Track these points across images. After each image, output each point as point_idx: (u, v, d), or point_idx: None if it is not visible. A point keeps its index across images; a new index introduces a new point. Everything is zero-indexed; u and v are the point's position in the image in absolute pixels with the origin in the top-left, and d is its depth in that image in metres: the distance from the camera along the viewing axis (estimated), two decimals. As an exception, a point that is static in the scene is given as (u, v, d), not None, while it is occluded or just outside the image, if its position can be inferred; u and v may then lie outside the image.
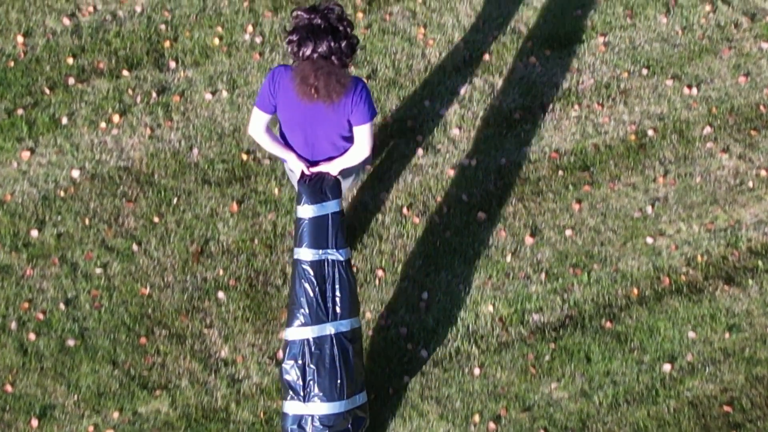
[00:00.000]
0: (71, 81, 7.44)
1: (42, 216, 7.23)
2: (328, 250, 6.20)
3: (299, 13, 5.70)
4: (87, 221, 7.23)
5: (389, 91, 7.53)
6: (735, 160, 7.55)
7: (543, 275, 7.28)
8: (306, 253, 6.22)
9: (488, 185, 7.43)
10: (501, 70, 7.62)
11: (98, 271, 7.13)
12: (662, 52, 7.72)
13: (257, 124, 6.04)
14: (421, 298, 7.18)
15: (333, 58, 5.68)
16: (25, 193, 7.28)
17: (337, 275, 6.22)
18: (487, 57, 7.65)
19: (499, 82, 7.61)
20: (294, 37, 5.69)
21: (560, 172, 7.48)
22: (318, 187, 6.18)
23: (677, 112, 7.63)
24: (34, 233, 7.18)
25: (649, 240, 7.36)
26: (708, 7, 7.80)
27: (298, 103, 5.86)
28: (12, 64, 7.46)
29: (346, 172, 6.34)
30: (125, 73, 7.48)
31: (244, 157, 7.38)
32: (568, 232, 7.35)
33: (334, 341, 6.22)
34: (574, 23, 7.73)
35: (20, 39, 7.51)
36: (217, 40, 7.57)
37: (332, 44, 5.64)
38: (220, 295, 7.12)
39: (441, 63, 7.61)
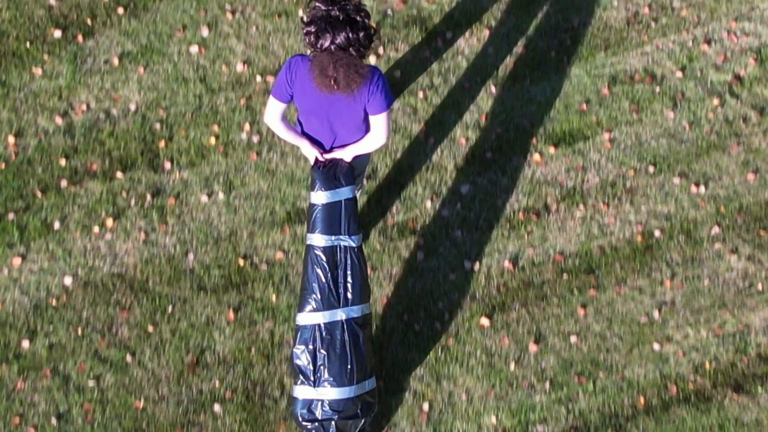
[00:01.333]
0: (64, 183, 7.13)
1: (33, 326, 6.92)
2: (341, 236, 6.15)
3: (317, 4, 5.61)
4: (80, 331, 6.92)
5: (389, 191, 7.21)
6: (744, 261, 7.23)
7: (547, 384, 6.96)
8: (319, 239, 6.16)
9: (491, 290, 7.12)
10: (504, 169, 7.30)
11: (91, 383, 6.82)
12: (669, 148, 7.39)
13: (273, 113, 5.95)
14: (422, 410, 6.87)
15: (351, 49, 5.62)
16: (16, 301, 6.97)
17: (349, 261, 6.17)
18: (489, 155, 7.32)
19: (502, 181, 7.29)
20: (312, 29, 5.62)
21: (565, 276, 7.16)
22: (331, 174, 6.11)
23: (684, 211, 7.31)
24: (25, 344, 6.87)
25: (656, 346, 7.04)
26: (716, 101, 7.46)
27: (315, 92, 5.80)
28: (3, 166, 7.14)
29: (359, 162, 6.29)
30: (119, 174, 7.16)
31: (241, 262, 7.07)
32: (573, 339, 7.04)
33: (345, 327, 6.18)
34: (578, 119, 7.41)
35: (11, 139, 7.19)
36: (213, 140, 7.25)
37: (350, 35, 5.57)
38: (216, 408, 6.81)
39: (442, 161, 7.29)
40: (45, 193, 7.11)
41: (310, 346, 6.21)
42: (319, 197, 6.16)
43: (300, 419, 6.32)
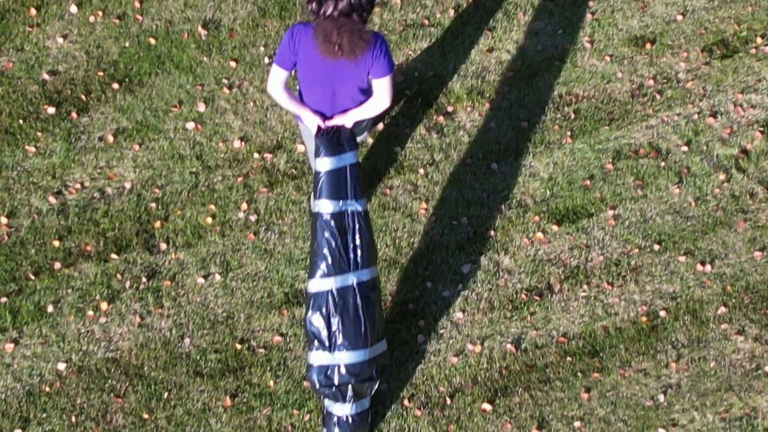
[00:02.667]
0: (57, 265, 6.85)
1: (26, 413, 6.64)
2: (348, 201, 6.07)
3: None
4: (73, 419, 6.64)
5: (389, 271, 6.94)
6: (750, 342, 6.96)
7: (550, 471, 6.71)
8: (326, 205, 6.08)
9: (493, 373, 6.85)
10: (506, 248, 7.03)
11: (85, 473, 6.57)
12: (674, 225, 7.12)
13: (275, 82, 5.88)
14: (423, 499, 6.63)
15: (354, 14, 5.57)
16: (9, 388, 6.70)
17: (356, 226, 6.11)
18: (492, 233, 7.05)
19: (504, 261, 7.02)
20: None
21: (569, 358, 6.89)
22: (335, 140, 6.02)
23: (690, 290, 7.03)
24: (18, 433, 6.63)
25: (662, 431, 6.77)
26: (722, 176, 7.19)
27: (319, 60, 5.74)
28: (-4, 247, 6.90)
29: (359, 127, 6.25)
30: (114, 256, 6.89)
31: (238, 346, 6.79)
32: (577, 424, 6.76)
33: (357, 291, 6.13)
34: (582, 195, 7.13)
35: (4, 220, 6.91)
36: (209, 219, 6.98)
37: (352, 1, 5.53)
38: (213, 498, 6.57)
39: (444, 240, 7.02)
40: (38, 276, 6.84)
41: (324, 312, 6.15)
42: (324, 164, 6.05)
43: (317, 385, 6.25)
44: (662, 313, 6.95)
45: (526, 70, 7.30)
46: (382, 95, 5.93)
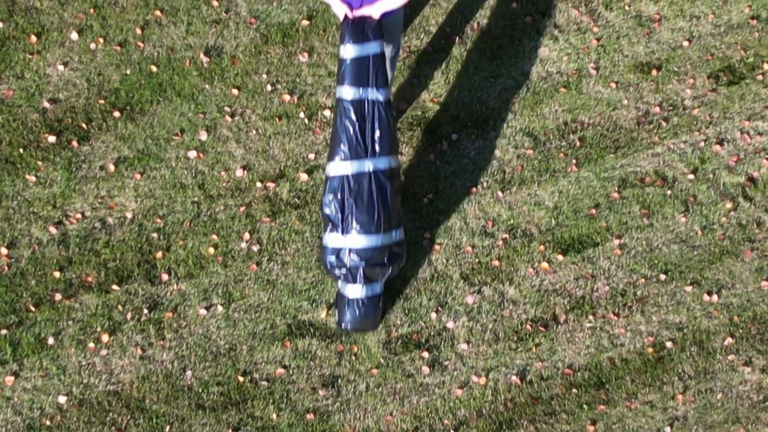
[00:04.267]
0: (58, 297, 6.61)
1: (26, 448, 6.43)
2: (369, 89, 6.05)
3: None
4: (74, 453, 6.43)
5: (393, 302, 6.71)
6: (758, 373, 6.72)
7: (556, 505, 6.47)
8: (348, 92, 6.06)
9: (498, 405, 6.61)
10: (511, 278, 6.79)
11: None
12: (681, 254, 6.88)
13: None
14: None
15: None
16: (9, 422, 6.45)
17: (376, 115, 6.08)
18: (496, 263, 6.81)
19: (509, 291, 6.78)
20: None
21: (574, 390, 6.65)
22: (360, 29, 6.00)
23: (697, 321, 6.79)
24: (18, 467, 6.39)
25: (669, 465, 6.55)
26: (729, 205, 6.95)
27: None
28: (-5, 278, 6.65)
29: (389, 22, 6.13)
30: (115, 287, 6.64)
31: (241, 378, 6.55)
32: (583, 457, 6.55)
33: (372, 178, 6.11)
34: (588, 224, 6.89)
35: (4, 251, 6.67)
36: (211, 249, 6.73)
37: None
38: None
39: (448, 270, 6.78)
40: (38, 308, 6.60)
41: (339, 195, 6.13)
42: (348, 51, 6.02)
43: (329, 266, 6.24)
44: (669, 344, 6.71)
45: (530, 97, 7.06)
46: None
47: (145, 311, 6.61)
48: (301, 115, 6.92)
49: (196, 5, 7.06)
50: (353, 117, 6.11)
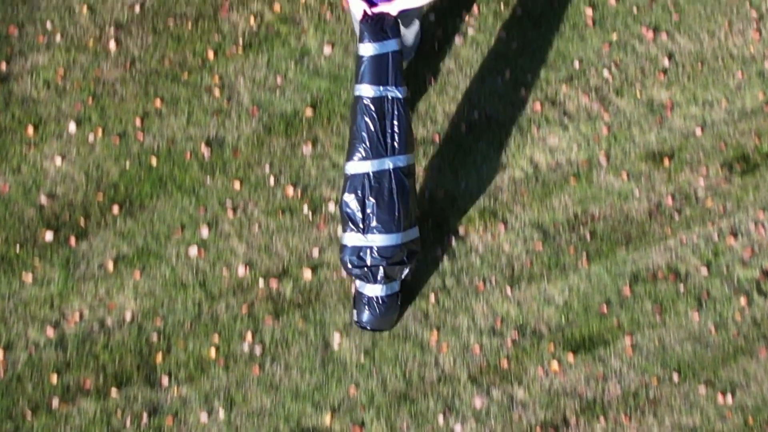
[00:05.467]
0: (55, 402, 6.28)
1: None
2: (388, 87, 5.88)
3: None
4: None
5: (399, 406, 6.39)
6: (774, 478, 6.42)
7: None
8: (367, 89, 5.89)
9: None
10: (520, 379, 6.47)
11: None
12: (694, 353, 6.55)
13: None
14: None
15: None
16: None
17: (396, 112, 5.91)
18: (505, 364, 6.49)
19: (518, 393, 6.46)
20: None
21: (585, 497, 6.34)
22: (378, 27, 5.86)
23: (711, 423, 6.47)
24: None
25: None
26: (743, 300, 6.62)
27: None
28: (-9, 383, 6.31)
29: (405, 21, 6.03)
30: (114, 391, 6.31)
31: (243, 487, 6.25)
32: None
33: (392, 176, 5.91)
34: (598, 322, 6.57)
35: (0, 354, 6.37)
36: (213, 351, 6.41)
37: None
38: None
39: (456, 372, 6.46)
40: (35, 414, 6.28)
41: (359, 194, 5.92)
42: (367, 49, 5.87)
43: (349, 265, 6.01)
44: (682, 448, 6.41)
45: (540, 189, 6.74)
46: None
47: (145, 417, 6.29)
48: (305, 209, 6.60)
49: (197, 94, 6.74)
50: (373, 114, 5.92)
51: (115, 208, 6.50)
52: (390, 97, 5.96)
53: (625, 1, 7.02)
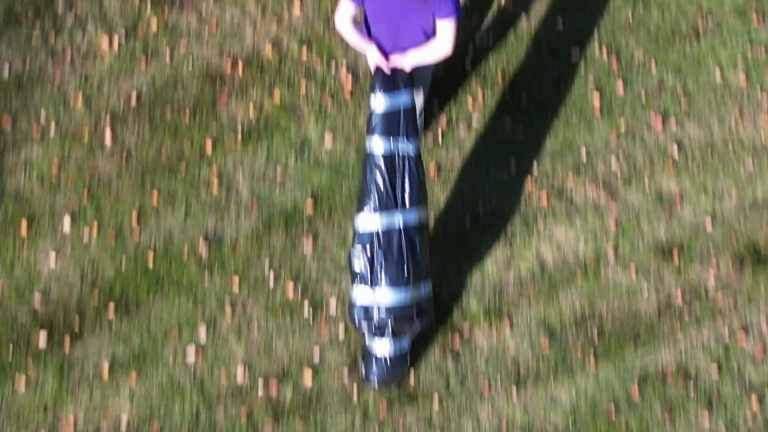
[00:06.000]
0: None
1: None
2: (400, 139, 5.71)
3: None
4: None
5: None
6: None
7: None
8: (378, 144, 5.72)
9: None
10: (526, 485, 6.25)
11: None
12: (705, 457, 6.33)
13: (344, 15, 5.59)
14: None
15: None
16: None
17: (407, 169, 5.76)
18: (510, 469, 6.27)
19: (524, 500, 6.24)
20: None
21: None
22: (391, 78, 5.71)
23: None
24: None
25: None
26: (754, 401, 6.38)
27: None
28: (-16, 493, 6.10)
29: (419, 75, 5.83)
30: (109, 501, 6.11)
31: None
32: None
33: (403, 234, 5.77)
34: (606, 425, 6.25)
35: (-7, 463, 6.15)
36: (211, 459, 6.19)
37: None
38: None
39: (460, 478, 6.24)
40: None
41: (368, 248, 5.77)
42: (379, 100, 5.70)
43: (357, 321, 5.85)
44: None
45: (546, 285, 6.51)
46: (444, 38, 5.57)
47: None
48: (306, 307, 6.38)
49: (194, 188, 6.51)
50: (384, 171, 5.78)
51: (111, 309, 6.28)
52: (401, 155, 5.81)
53: (633, 88, 6.81)
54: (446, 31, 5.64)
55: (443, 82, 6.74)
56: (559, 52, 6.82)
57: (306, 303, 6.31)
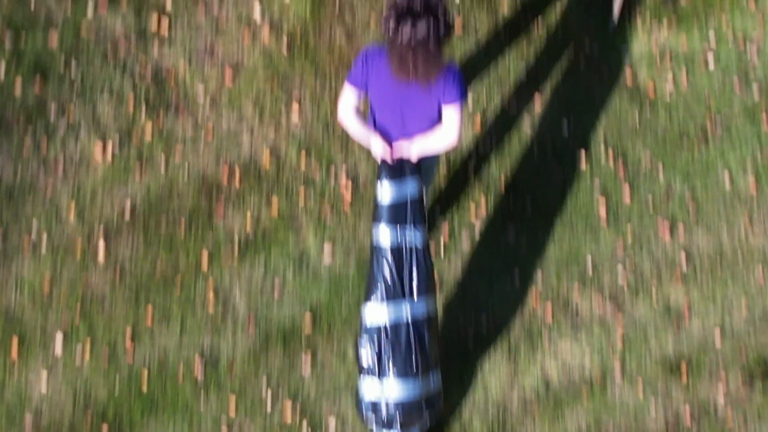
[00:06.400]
0: None
1: None
2: (407, 228, 5.55)
3: (397, 2, 5.08)
4: None
5: None
6: None
7: None
8: (385, 234, 5.55)
9: None
10: None
11: None
12: None
13: (348, 104, 5.39)
14: None
15: (430, 40, 5.09)
16: None
17: (414, 261, 5.61)
18: None
19: None
20: (392, 20, 5.09)
21: None
22: (398, 165, 5.55)
23: None
24: None
25: None
26: None
27: (391, 83, 5.28)
28: None
29: (424, 171, 5.66)
30: None
31: None
32: None
33: (411, 326, 5.61)
34: None
35: None
36: None
37: (430, 27, 5.06)
38: None
39: None
40: None
41: (375, 342, 5.63)
42: (385, 188, 5.55)
43: (365, 417, 5.72)
44: None
45: (551, 402, 6.29)
46: (450, 125, 5.38)
47: None
48: (305, 429, 6.18)
49: (190, 304, 6.29)
50: (391, 262, 5.61)
51: (105, 428, 6.08)
52: (409, 246, 5.64)
53: (640, 194, 6.60)
54: (452, 118, 5.44)
55: (446, 189, 6.53)
56: (564, 157, 6.62)
57: (305, 424, 6.11)
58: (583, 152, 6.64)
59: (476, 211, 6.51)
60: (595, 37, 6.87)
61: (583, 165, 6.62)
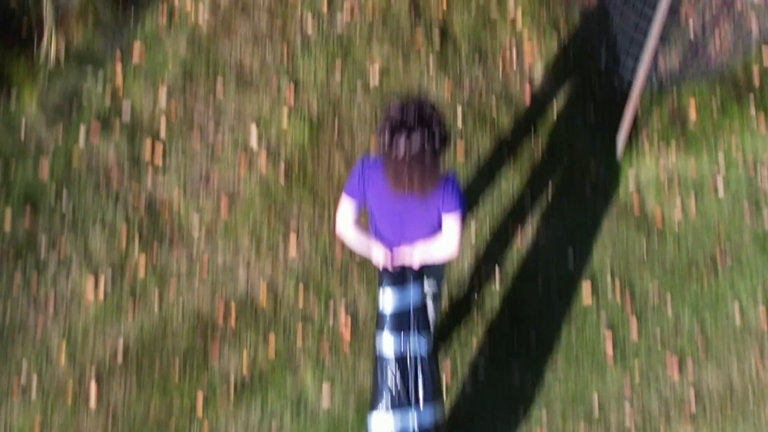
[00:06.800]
0: None
1: None
2: (410, 333, 5.36)
3: (391, 115, 4.90)
4: None
5: None
6: None
7: None
8: (388, 343, 5.36)
9: None
10: None
11: None
12: None
13: (346, 216, 5.24)
14: None
15: (425, 153, 4.93)
16: None
17: (420, 370, 5.41)
18: None
19: None
20: (386, 133, 4.94)
21: None
22: (399, 272, 5.39)
23: None
24: None
25: None
26: None
27: (389, 194, 5.14)
28: None
29: (433, 273, 5.55)
30: None
31: None
32: None
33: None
34: None
35: None
36: None
37: (425, 140, 4.90)
38: None
39: None
40: None
41: None
42: (387, 296, 5.37)
43: None
44: None
45: None
46: (449, 234, 5.21)
47: None
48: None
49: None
50: (396, 372, 5.42)
51: None
52: (413, 355, 5.45)
53: (648, 327, 6.37)
54: (451, 228, 5.25)
55: (447, 323, 6.31)
56: (570, 289, 6.40)
57: None
58: (589, 284, 6.42)
59: (479, 348, 6.29)
60: (601, 162, 6.64)
61: (589, 298, 6.39)
